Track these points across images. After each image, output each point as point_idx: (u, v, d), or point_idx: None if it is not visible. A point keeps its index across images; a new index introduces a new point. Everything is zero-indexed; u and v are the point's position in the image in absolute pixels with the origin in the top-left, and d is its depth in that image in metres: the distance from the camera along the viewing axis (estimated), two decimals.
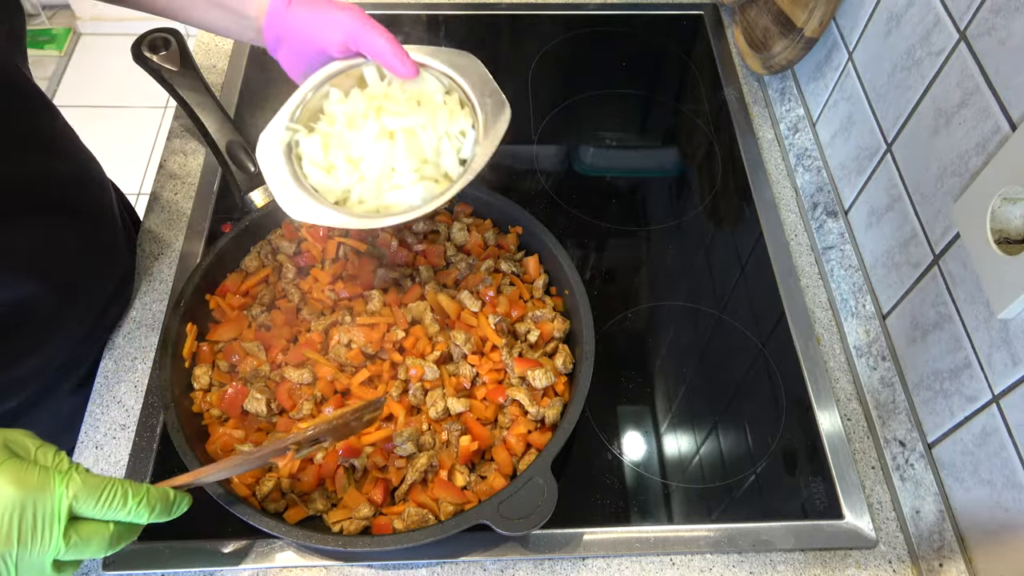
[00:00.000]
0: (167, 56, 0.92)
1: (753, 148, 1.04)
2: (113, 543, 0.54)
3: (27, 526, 0.50)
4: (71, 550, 0.51)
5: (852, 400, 0.84)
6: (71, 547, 0.51)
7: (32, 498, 0.50)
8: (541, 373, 0.76)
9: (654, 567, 0.73)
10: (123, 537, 0.55)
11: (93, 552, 0.53)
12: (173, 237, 0.92)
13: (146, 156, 2.52)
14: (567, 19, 1.21)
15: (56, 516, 0.51)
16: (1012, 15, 0.62)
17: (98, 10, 2.80)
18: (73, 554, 0.52)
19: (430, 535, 0.66)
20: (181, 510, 0.59)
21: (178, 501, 0.59)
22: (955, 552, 0.69)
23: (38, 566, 0.51)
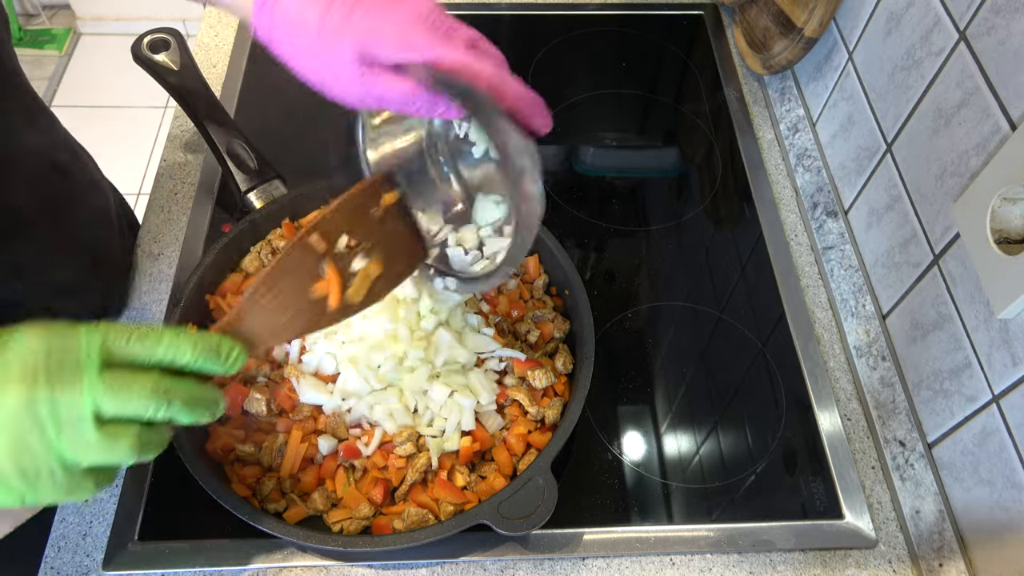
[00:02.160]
0: (167, 56, 0.92)
1: (753, 148, 1.04)
2: (158, 395, 0.46)
3: (55, 365, 0.44)
4: (110, 394, 0.44)
5: (852, 400, 0.84)
6: (109, 390, 0.44)
7: (59, 338, 0.45)
8: (541, 373, 0.76)
9: (654, 567, 0.73)
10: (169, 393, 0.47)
11: (135, 405, 0.45)
12: (173, 237, 0.92)
13: (146, 156, 2.52)
14: (567, 19, 1.21)
15: (87, 351, 0.45)
16: (1012, 15, 0.62)
17: (98, 10, 2.80)
18: (113, 401, 0.45)
19: (430, 535, 0.66)
20: (235, 360, 0.51)
21: (226, 347, 0.50)
22: (955, 552, 0.69)
23: (77, 417, 0.44)
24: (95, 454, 0.45)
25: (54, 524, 0.73)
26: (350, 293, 0.60)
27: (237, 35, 1.14)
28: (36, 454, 0.43)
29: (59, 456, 0.44)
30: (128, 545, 0.71)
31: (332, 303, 0.59)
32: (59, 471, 0.44)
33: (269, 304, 0.56)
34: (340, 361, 0.74)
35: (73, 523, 0.73)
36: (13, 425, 0.43)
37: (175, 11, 2.71)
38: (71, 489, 0.45)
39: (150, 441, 0.47)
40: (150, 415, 0.46)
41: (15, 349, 0.44)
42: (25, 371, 0.43)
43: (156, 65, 0.91)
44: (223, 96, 1.06)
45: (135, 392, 0.45)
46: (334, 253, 0.59)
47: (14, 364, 0.43)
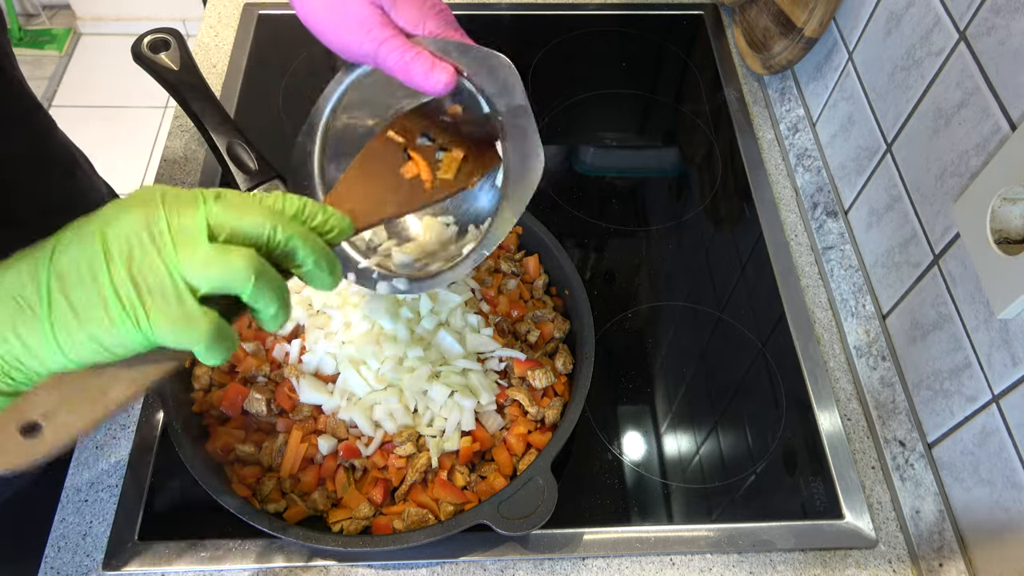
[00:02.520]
0: (167, 56, 0.92)
1: (753, 148, 1.04)
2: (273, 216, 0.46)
3: (172, 197, 0.44)
4: (224, 210, 0.44)
5: (852, 400, 0.84)
6: (224, 207, 0.44)
7: (175, 189, 0.45)
8: (541, 373, 0.76)
9: (654, 567, 0.73)
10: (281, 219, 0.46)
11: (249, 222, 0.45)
12: None
13: (146, 156, 2.52)
14: (567, 19, 1.21)
15: (202, 192, 0.45)
16: (1012, 15, 0.62)
17: (98, 10, 2.80)
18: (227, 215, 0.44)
19: (430, 535, 0.66)
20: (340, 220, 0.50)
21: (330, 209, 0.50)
22: (955, 552, 0.69)
23: (193, 228, 0.43)
24: (209, 269, 0.43)
25: (54, 524, 0.73)
26: (441, 172, 0.61)
27: (237, 35, 1.14)
28: (153, 266, 0.42)
29: (175, 271, 0.43)
30: (128, 545, 0.71)
31: (424, 176, 0.60)
32: (178, 290, 0.43)
33: (362, 186, 0.58)
34: (340, 361, 0.74)
35: (73, 523, 0.73)
36: (132, 238, 0.42)
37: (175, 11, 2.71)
38: (185, 319, 0.43)
39: (267, 272, 0.45)
40: (266, 234, 0.45)
41: (138, 192, 0.45)
42: (145, 199, 0.44)
43: (156, 65, 0.91)
44: (223, 96, 1.06)
45: (249, 210, 0.45)
46: (415, 145, 0.61)
47: (136, 197, 0.44)
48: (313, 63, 1.11)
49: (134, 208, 0.43)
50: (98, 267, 0.42)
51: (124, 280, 0.42)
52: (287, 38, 1.14)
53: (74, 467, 0.76)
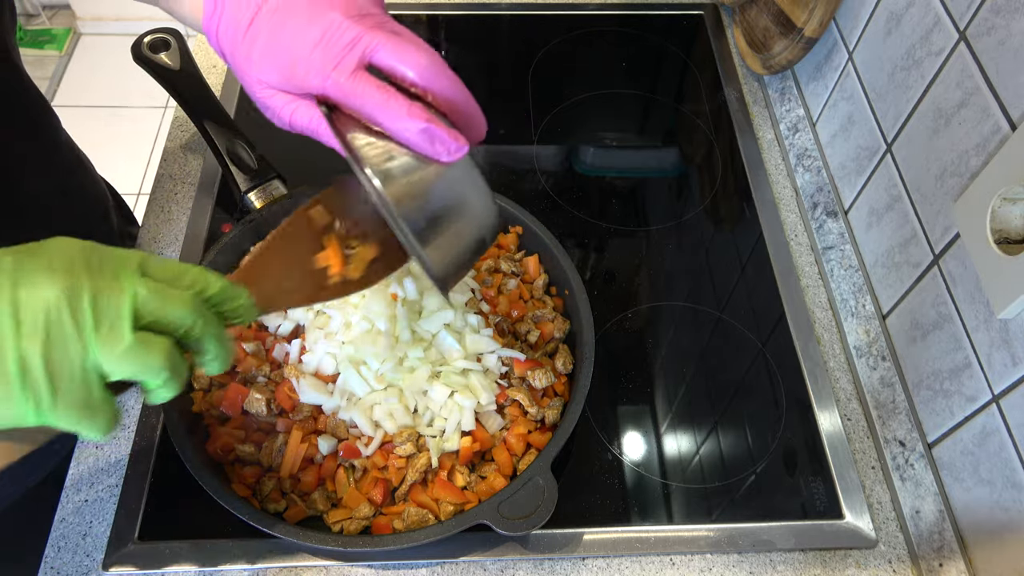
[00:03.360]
0: (167, 56, 0.92)
1: (753, 148, 1.04)
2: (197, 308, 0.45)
3: (96, 263, 0.42)
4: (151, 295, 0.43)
5: (852, 400, 0.84)
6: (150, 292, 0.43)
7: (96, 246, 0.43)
8: (541, 373, 0.76)
9: (654, 567, 0.73)
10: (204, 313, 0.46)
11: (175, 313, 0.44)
12: (173, 237, 0.92)
13: (146, 156, 2.52)
14: (567, 19, 1.21)
15: (127, 258, 0.43)
16: (1012, 15, 0.62)
17: (98, 10, 2.80)
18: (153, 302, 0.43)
19: (430, 535, 0.66)
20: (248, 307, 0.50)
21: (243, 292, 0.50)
22: (955, 552, 0.69)
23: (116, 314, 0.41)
24: (127, 360, 0.41)
25: (54, 524, 0.73)
26: (349, 269, 0.61)
27: None
28: (68, 349, 0.40)
29: (92, 358, 0.41)
30: (128, 545, 0.71)
31: (334, 271, 0.60)
32: (89, 378, 0.41)
33: (275, 265, 0.58)
34: (340, 361, 0.74)
35: (73, 523, 0.73)
36: (51, 313, 0.39)
37: None
38: (87, 407, 0.41)
39: (177, 365, 0.44)
40: (188, 326, 0.45)
41: (54, 247, 0.42)
42: (66, 263, 0.41)
43: (156, 65, 0.91)
44: (223, 96, 1.06)
45: (174, 299, 0.44)
46: (334, 230, 0.61)
47: (55, 257, 0.41)
48: None
49: (55, 275, 0.40)
50: (8, 335, 0.39)
51: (34, 357, 0.39)
52: None
53: (74, 467, 0.76)
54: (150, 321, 0.43)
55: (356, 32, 0.50)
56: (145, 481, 0.74)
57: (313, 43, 0.50)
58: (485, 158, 1.05)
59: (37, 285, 0.39)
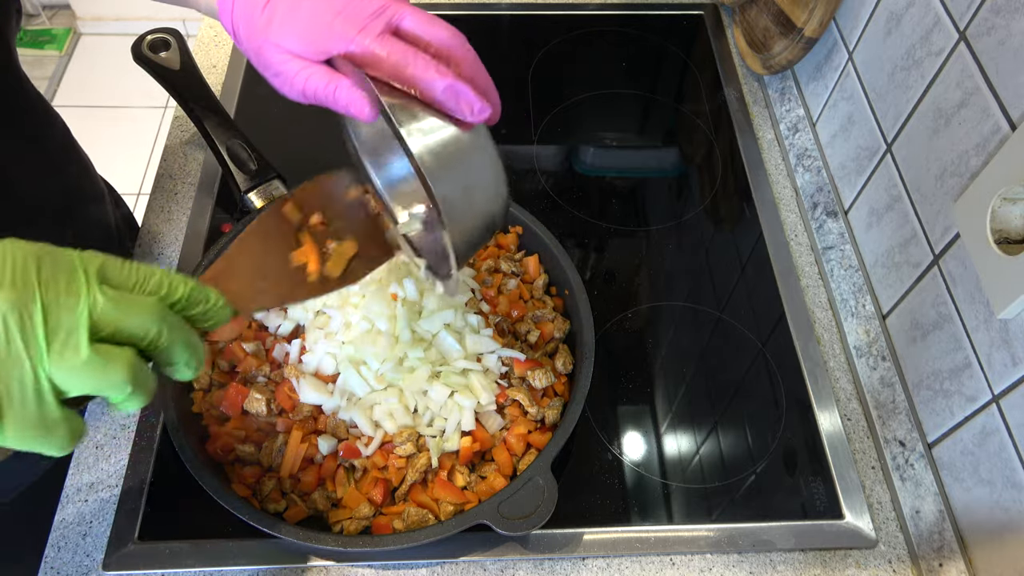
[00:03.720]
0: (167, 56, 0.92)
1: (753, 148, 1.04)
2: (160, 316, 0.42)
3: (49, 271, 0.39)
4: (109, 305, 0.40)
5: (852, 400, 0.84)
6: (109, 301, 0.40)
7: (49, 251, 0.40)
8: (541, 373, 0.76)
9: (654, 567, 0.73)
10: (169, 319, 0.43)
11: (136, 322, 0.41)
12: (173, 237, 0.92)
13: (146, 156, 2.52)
14: (567, 19, 1.21)
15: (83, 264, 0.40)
16: (1012, 15, 0.62)
17: (98, 10, 2.80)
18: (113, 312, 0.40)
19: (430, 535, 0.66)
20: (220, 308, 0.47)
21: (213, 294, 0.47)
22: (955, 552, 0.69)
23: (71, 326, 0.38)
24: (85, 375, 0.39)
25: (54, 524, 0.73)
26: (328, 267, 0.59)
27: None
28: (17, 368, 0.37)
29: (44, 375, 0.38)
30: (128, 545, 0.71)
31: (311, 268, 0.58)
32: (42, 395, 0.38)
33: (248, 265, 0.55)
34: (340, 361, 0.74)
35: (73, 523, 0.73)
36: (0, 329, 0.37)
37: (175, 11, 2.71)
38: (42, 426, 0.39)
39: (141, 375, 0.41)
40: (152, 335, 0.41)
41: (2, 253, 0.38)
42: (14, 274, 0.38)
43: (156, 65, 0.91)
44: (223, 96, 1.06)
45: (136, 307, 0.41)
46: (308, 226, 0.59)
47: (3, 265, 0.38)
48: None
49: (3, 287, 0.37)
50: None
51: None
52: None
53: (74, 467, 0.76)
54: (110, 332, 0.40)
55: (383, 1, 0.51)
56: (145, 481, 0.74)
57: (337, 10, 0.51)
58: None
59: None
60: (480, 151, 0.54)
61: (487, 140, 0.54)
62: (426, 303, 0.76)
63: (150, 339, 0.42)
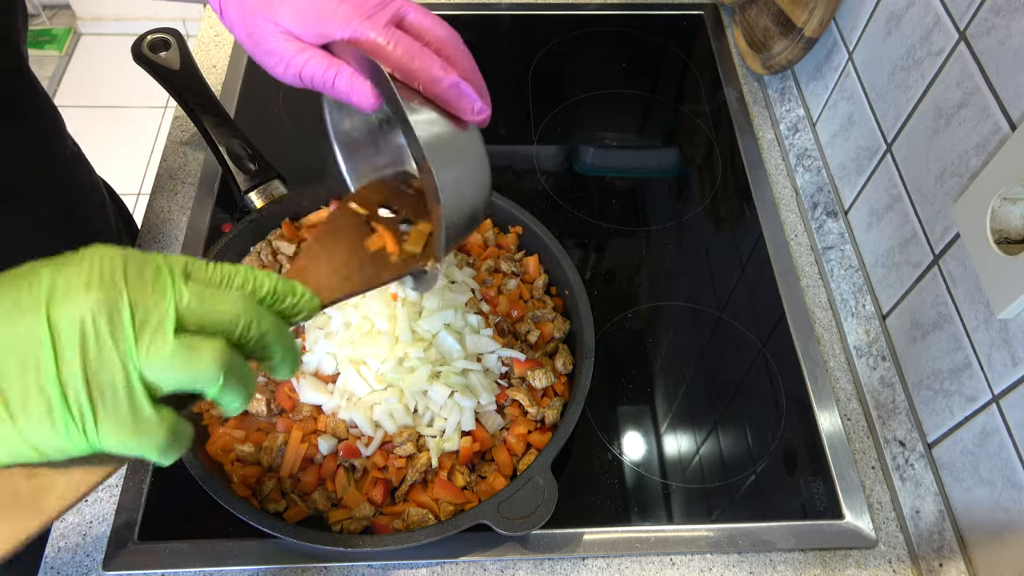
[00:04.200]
0: (167, 56, 0.92)
1: (753, 148, 1.04)
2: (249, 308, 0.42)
3: (135, 272, 0.39)
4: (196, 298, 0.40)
5: (852, 400, 0.84)
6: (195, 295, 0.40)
7: (135, 254, 0.40)
8: (541, 373, 0.76)
9: (654, 567, 0.73)
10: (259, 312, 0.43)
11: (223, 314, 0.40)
12: (173, 237, 0.92)
13: (146, 156, 2.52)
14: (567, 19, 1.21)
15: (168, 264, 0.40)
16: (1012, 15, 0.62)
17: (98, 10, 2.80)
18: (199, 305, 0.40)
19: (430, 535, 0.66)
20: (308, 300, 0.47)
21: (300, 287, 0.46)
22: (955, 552, 0.69)
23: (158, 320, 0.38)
24: (172, 367, 0.38)
25: (54, 524, 0.73)
26: (408, 245, 0.59)
27: None
28: (108, 365, 0.37)
29: (134, 371, 0.37)
30: (128, 545, 0.71)
31: (391, 249, 0.58)
32: (134, 393, 0.38)
33: (328, 257, 0.56)
34: (340, 361, 0.74)
35: (73, 523, 0.73)
36: (87, 328, 0.37)
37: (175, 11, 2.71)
38: (137, 426, 0.38)
39: (236, 368, 0.40)
40: (241, 326, 0.41)
41: (91, 257, 0.39)
42: (103, 276, 0.38)
43: (156, 65, 0.91)
44: (223, 96, 1.06)
45: (221, 299, 0.41)
46: (378, 216, 0.60)
47: (92, 268, 0.38)
48: None
49: (91, 288, 0.37)
50: (43, 357, 0.36)
51: (75, 378, 0.36)
52: None
53: None
54: (198, 326, 0.40)
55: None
56: (145, 481, 0.74)
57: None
58: None
59: (71, 300, 0.37)
60: (475, 149, 0.56)
61: (480, 140, 0.56)
62: (426, 303, 0.76)
63: (240, 331, 0.41)
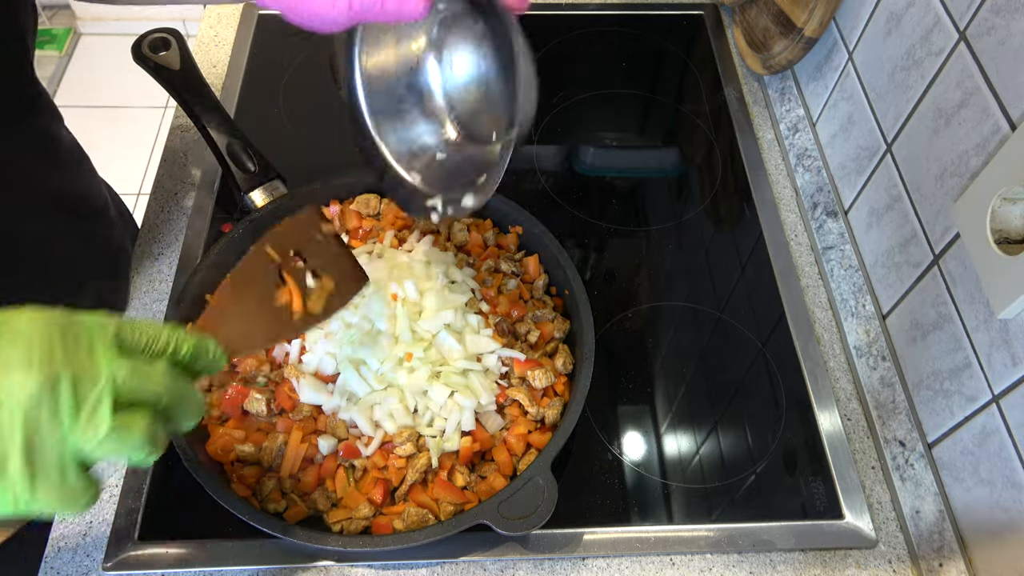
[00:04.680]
0: (167, 56, 0.92)
1: (753, 148, 1.04)
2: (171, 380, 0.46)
3: (71, 346, 0.41)
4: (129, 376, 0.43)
5: (852, 400, 0.84)
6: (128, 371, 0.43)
7: (67, 320, 0.42)
8: (541, 373, 0.76)
9: (654, 567, 0.73)
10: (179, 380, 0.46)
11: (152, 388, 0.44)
12: (173, 237, 0.92)
13: (146, 156, 2.52)
14: (567, 19, 1.21)
15: (100, 334, 0.43)
16: (1012, 15, 0.62)
17: (98, 10, 2.80)
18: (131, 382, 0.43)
19: (430, 535, 0.66)
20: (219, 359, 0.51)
21: (212, 345, 0.51)
22: (955, 552, 0.69)
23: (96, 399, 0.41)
24: (108, 444, 0.41)
25: (54, 524, 0.73)
26: (310, 304, 0.63)
27: (237, 35, 1.14)
28: (50, 443, 0.40)
29: (73, 447, 0.41)
30: (128, 545, 0.71)
31: (295, 307, 0.62)
32: (68, 466, 0.41)
33: (237, 309, 0.59)
34: (340, 361, 0.74)
35: (73, 523, 0.73)
36: (31, 410, 0.39)
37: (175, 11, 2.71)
38: (69, 493, 0.42)
39: (156, 436, 0.45)
40: (165, 401, 0.45)
41: (22, 330, 0.41)
42: (42, 351, 0.40)
43: (156, 65, 0.91)
44: (223, 96, 1.06)
45: (152, 373, 0.44)
46: (289, 265, 0.63)
47: (29, 344, 0.40)
48: (313, 63, 1.11)
49: (32, 366, 0.39)
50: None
51: (16, 452, 0.39)
52: (287, 38, 1.14)
53: None
54: (128, 400, 0.43)
55: None
56: (145, 481, 0.74)
57: None
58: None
59: (15, 375, 0.39)
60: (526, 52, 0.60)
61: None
62: (426, 303, 0.76)
63: (165, 403, 0.45)
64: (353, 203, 0.88)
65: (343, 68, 0.67)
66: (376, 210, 0.88)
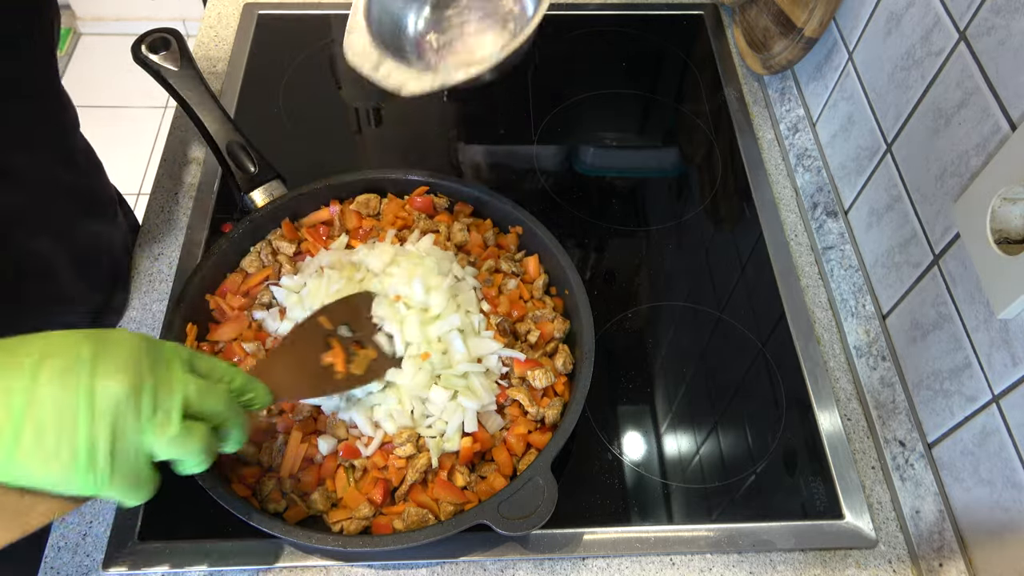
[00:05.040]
0: (167, 56, 0.92)
1: (753, 148, 1.04)
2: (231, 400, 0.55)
3: (153, 360, 0.49)
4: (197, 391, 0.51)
5: (852, 400, 0.84)
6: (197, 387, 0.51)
7: (150, 340, 0.51)
8: (541, 373, 0.76)
9: (654, 567, 0.73)
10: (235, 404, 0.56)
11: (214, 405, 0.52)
12: (173, 237, 0.92)
13: (146, 156, 2.52)
14: (567, 19, 1.21)
15: (177, 353, 0.52)
16: (1012, 15, 0.62)
17: (98, 10, 2.80)
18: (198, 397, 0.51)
19: (430, 535, 0.66)
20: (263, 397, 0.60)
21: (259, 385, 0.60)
22: (955, 552, 0.69)
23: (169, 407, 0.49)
24: (172, 445, 0.49)
25: (54, 524, 0.73)
26: (353, 367, 0.71)
27: (237, 35, 1.14)
28: (130, 438, 0.47)
29: (147, 444, 0.48)
30: (128, 545, 0.71)
31: (339, 368, 0.70)
32: (140, 459, 0.48)
33: (288, 361, 0.68)
34: None
35: (73, 523, 0.73)
36: (120, 405, 0.46)
37: (175, 11, 2.71)
38: (138, 482, 0.49)
39: (211, 446, 0.52)
40: (223, 417, 0.53)
41: (122, 342, 0.49)
42: (133, 360, 0.48)
43: (156, 65, 0.91)
44: (223, 96, 1.06)
45: (215, 393, 0.52)
46: (337, 334, 0.72)
47: (125, 352, 0.48)
48: (313, 63, 1.11)
49: (126, 372, 0.47)
50: (82, 419, 0.45)
51: (103, 442, 0.46)
52: (287, 38, 1.14)
53: None
54: (193, 412, 0.51)
55: None
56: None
57: None
58: (485, 158, 1.05)
59: (111, 379, 0.46)
60: None
61: None
62: (433, 301, 0.76)
63: (220, 419, 0.53)
64: (353, 203, 0.88)
65: None
66: (376, 210, 0.88)
